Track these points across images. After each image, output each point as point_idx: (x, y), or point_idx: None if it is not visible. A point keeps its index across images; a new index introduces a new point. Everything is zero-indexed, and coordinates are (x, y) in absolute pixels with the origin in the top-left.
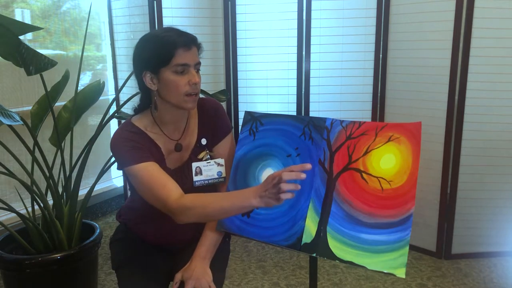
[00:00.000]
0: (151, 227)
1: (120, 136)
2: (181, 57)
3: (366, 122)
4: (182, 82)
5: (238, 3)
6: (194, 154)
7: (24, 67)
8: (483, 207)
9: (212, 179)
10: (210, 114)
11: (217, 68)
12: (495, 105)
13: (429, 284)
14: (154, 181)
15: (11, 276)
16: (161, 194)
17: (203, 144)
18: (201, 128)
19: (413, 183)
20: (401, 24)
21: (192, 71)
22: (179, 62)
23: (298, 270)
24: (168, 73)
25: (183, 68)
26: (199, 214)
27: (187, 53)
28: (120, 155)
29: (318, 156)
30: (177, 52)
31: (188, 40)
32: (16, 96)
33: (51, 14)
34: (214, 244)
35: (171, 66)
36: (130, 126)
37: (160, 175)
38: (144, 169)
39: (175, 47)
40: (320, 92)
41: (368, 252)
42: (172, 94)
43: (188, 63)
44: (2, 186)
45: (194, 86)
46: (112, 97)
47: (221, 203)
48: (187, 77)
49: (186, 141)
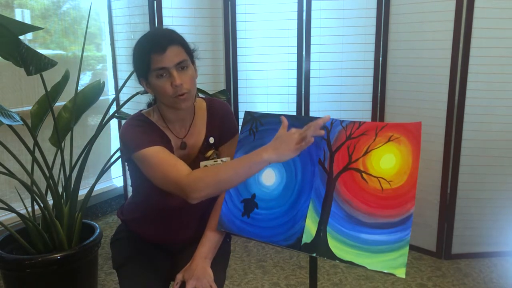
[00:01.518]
0: (152, 225)
1: (130, 124)
2: (157, 62)
3: (366, 122)
4: (166, 86)
5: (238, 3)
6: (202, 153)
7: (24, 67)
8: (483, 207)
9: None
10: (219, 115)
11: (217, 68)
12: (495, 105)
13: (429, 284)
14: (164, 162)
15: (11, 276)
16: (172, 172)
17: (211, 142)
18: (209, 127)
19: (413, 183)
20: (401, 24)
21: (173, 72)
22: (156, 67)
23: (298, 270)
24: (153, 78)
25: (163, 72)
26: (212, 182)
27: (162, 56)
28: (131, 140)
29: (318, 156)
30: (152, 58)
31: (162, 43)
32: (16, 96)
33: (51, 14)
34: (215, 244)
35: (152, 71)
36: (141, 116)
37: (169, 156)
38: (154, 152)
39: (149, 53)
40: (320, 92)
41: (368, 252)
42: (163, 97)
43: (165, 66)
44: (2, 186)
45: (178, 87)
46: (112, 97)
47: (232, 165)
48: (170, 79)
49: (192, 140)
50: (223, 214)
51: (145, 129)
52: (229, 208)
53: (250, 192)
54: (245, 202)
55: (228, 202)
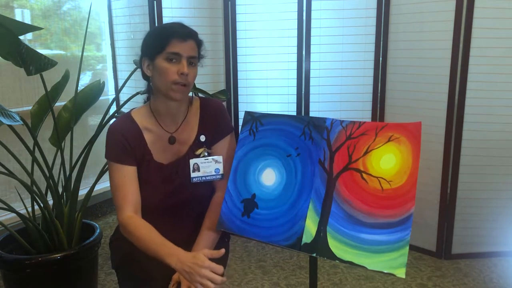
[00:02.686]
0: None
1: (115, 127)
2: (174, 46)
3: (366, 122)
4: (172, 70)
5: (238, 3)
6: (192, 150)
7: (24, 67)
8: (483, 207)
9: (210, 176)
10: (213, 113)
11: (217, 68)
12: (495, 105)
13: (429, 284)
14: (120, 186)
15: (11, 276)
16: (119, 202)
17: (202, 140)
18: (202, 125)
19: (413, 183)
20: (401, 24)
21: (184, 62)
22: (172, 51)
23: (298, 270)
24: (161, 60)
25: (175, 57)
26: (132, 240)
27: (181, 44)
28: (108, 146)
29: (318, 156)
30: (171, 41)
31: (185, 32)
32: (16, 96)
33: (51, 14)
34: (211, 243)
35: (164, 53)
36: (128, 118)
37: (127, 185)
38: (118, 170)
39: (171, 36)
40: (320, 92)
41: (368, 252)
42: (162, 81)
43: (180, 53)
44: (2, 186)
45: (183, 76)
46: (112, 97)
47: (149, 246)
48: (178, 66)
49: (183, 136)
50: (223, 214)
51: (123, 140)
52: (229, 208)
53: (250, 192)
54: (245, 202)
55: (228, 202)
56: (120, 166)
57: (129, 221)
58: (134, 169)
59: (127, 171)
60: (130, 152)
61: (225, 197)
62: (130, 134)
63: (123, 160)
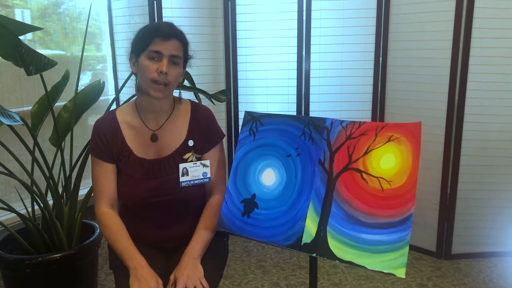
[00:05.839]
0: (145, 221)
1: (97, 124)
2: (156, 45)
3: (366, 122)
4: (152, 68)
5: (238, 3)
6: (179, 154)
7: (24, 67)
8: (483, 207)
9: (198, 180)
10: (204, 120)
11: (217, 68)
12: (495, 105)
13: (429, 284)
14: (97, 179)
15: (11, 276)
16: (96, 195)
17: (190, 145)
18: (191, 130)
19: (413, 183)
20: (401, 24)
21: (164, 60)
22: (153, 49)
23: (298, 270)
24: (144, 58)
25: (156, 56)
26: (104, 235)
27: (164, 42)
28: (92, 142)
29: (318, 156)
30: (154, 40)
31: (169, 32)
32: (16, 96)
33: (51, 14)
34: (206, 242)
35: (147, 51)
36: (110, 114)
37: (103, 179)
38: (97, 164)
39: (154, 35)
40: (320, 92)
41: (368, 252)
42: (143, 78)
43: (161, 52)
44: (2, 186)
45: (162, 74)
46: (112, 97)
47: (116, 245)
48: (158, 65)
49: (168, 136)
50: (223, 214)
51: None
52: (229, 208)
53: (250, 192)
54: (245, 202)
55: (228, 202)
56: (98, 160)
57: (102, 217)
58: (112, 166)
59: (104, 167)
60: (107, 150)
61: (225, 197)
62: (108, 130)
63: (100, 156)
